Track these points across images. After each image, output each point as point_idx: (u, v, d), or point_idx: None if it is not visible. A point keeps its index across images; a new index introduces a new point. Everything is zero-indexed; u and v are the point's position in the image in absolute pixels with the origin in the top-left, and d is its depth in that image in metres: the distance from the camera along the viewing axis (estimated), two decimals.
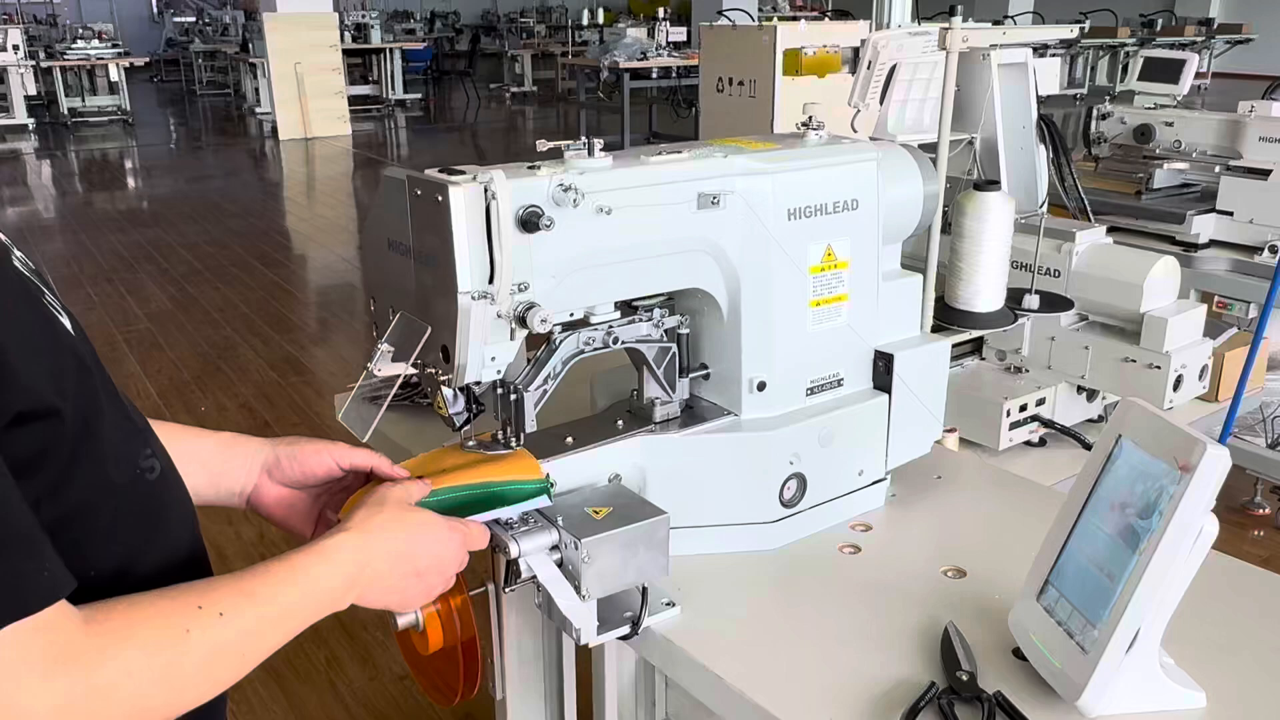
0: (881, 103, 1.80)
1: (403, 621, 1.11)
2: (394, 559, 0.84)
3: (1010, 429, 1.84)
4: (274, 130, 10.23)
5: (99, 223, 6.81)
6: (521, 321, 0.92)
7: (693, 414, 1.14)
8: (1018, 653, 0.94)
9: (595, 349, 1.06)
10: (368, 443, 1.35)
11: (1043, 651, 0.90)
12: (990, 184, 1.65)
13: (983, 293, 1.64)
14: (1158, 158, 2.85)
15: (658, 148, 1.06)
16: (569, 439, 1.06)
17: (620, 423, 1.10)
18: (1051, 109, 2.05)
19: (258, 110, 11.57)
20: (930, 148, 1.65)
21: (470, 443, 1.00)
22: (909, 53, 1.74)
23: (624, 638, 0.98)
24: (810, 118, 1.14)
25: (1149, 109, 2.90)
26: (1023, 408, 1.85)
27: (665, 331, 1.11)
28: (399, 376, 0.95)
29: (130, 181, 8.66)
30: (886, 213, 1.16)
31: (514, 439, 1.00)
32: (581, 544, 0.93)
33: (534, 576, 0.95)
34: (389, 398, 0.96)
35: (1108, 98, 3.17)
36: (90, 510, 0.71)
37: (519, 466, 0.98)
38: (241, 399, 3.88)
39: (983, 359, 2.03)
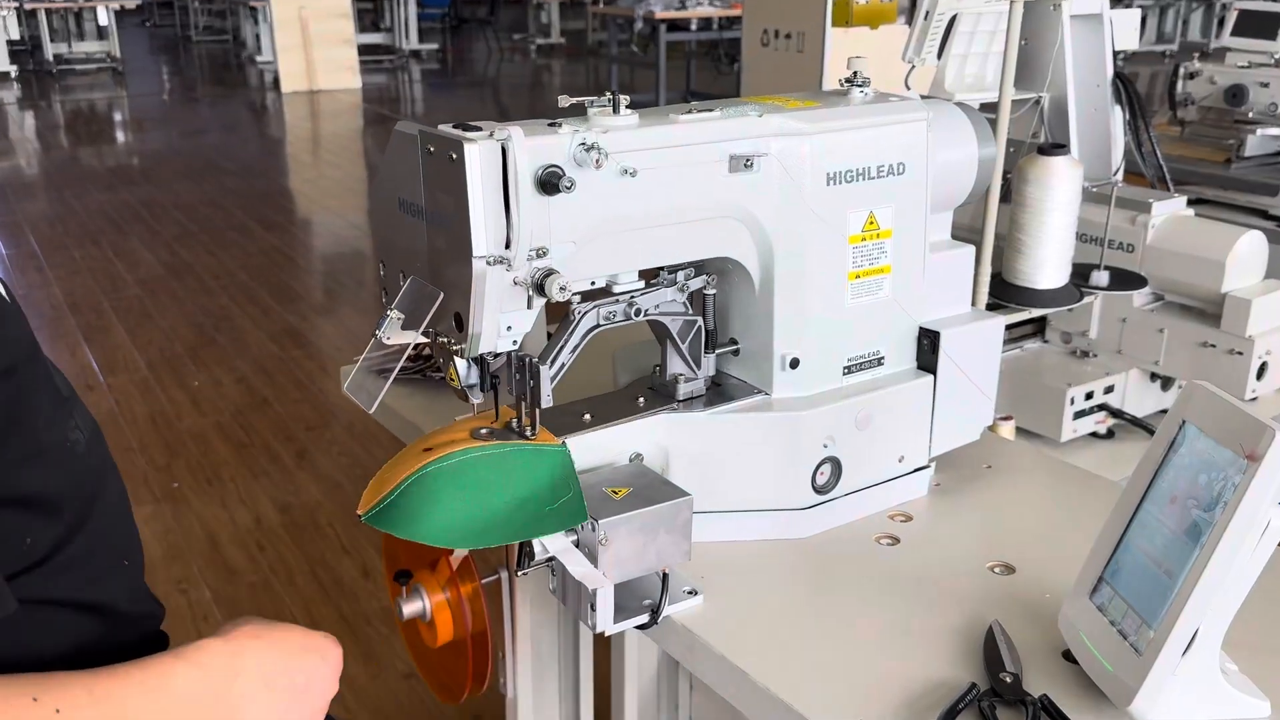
0: (939, 57, 1.80)
1: (408, 610, 1.15)
2: (271, 674, 0.81)
3: (1074, 419, 1.85)
4: (276, 81, 10.32)
5: (85, 180, 6.92)
6: (540, 289, 0.95)
7: (720, 392, 1.16)
8: (1068, 655, 0.96)
9: (615, 323, 1.09)
10: (373, 416, 1.40)
11: (1094, 653, 0.92)
12: (1056, 148, 1.66)
13: (1045, 267, 1.65)
14: (1250, 122, 2.82)
15: (688, 105, 1.08)
16: (586, 416, 1.09)
17: (641, 400, 1.13)
18: (1137, 66, 2.05)
19: (258, 59, 11.66)
20: (992, 107, 1.66)
21: (482, 430, 1.03)
22: (970, 2, 1.75)
23: (642, 626, 1.01)
24: (855, 73, 1.16)
25: (1242, 68, 2.87)
26: (1089, 395, 1.86)
27: (690, 296, 1.14)
28: (409, 345, 0.98)
29: (119, 135, 8.79)
30: (936, 178, 1.18)
31: (529, 422, 1.03)
32: (599, 525, 0.96)
33: (550, 559, 0.99)
34: (397, 367, 1.00)
35: (1197, 55, 3.12)
36: (22, 485, 0.73)
37: (540, 439, 1.02)
38: (238, 373, 3.96)
39: (1045, 341, 2.04)
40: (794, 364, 1.14)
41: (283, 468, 3.26)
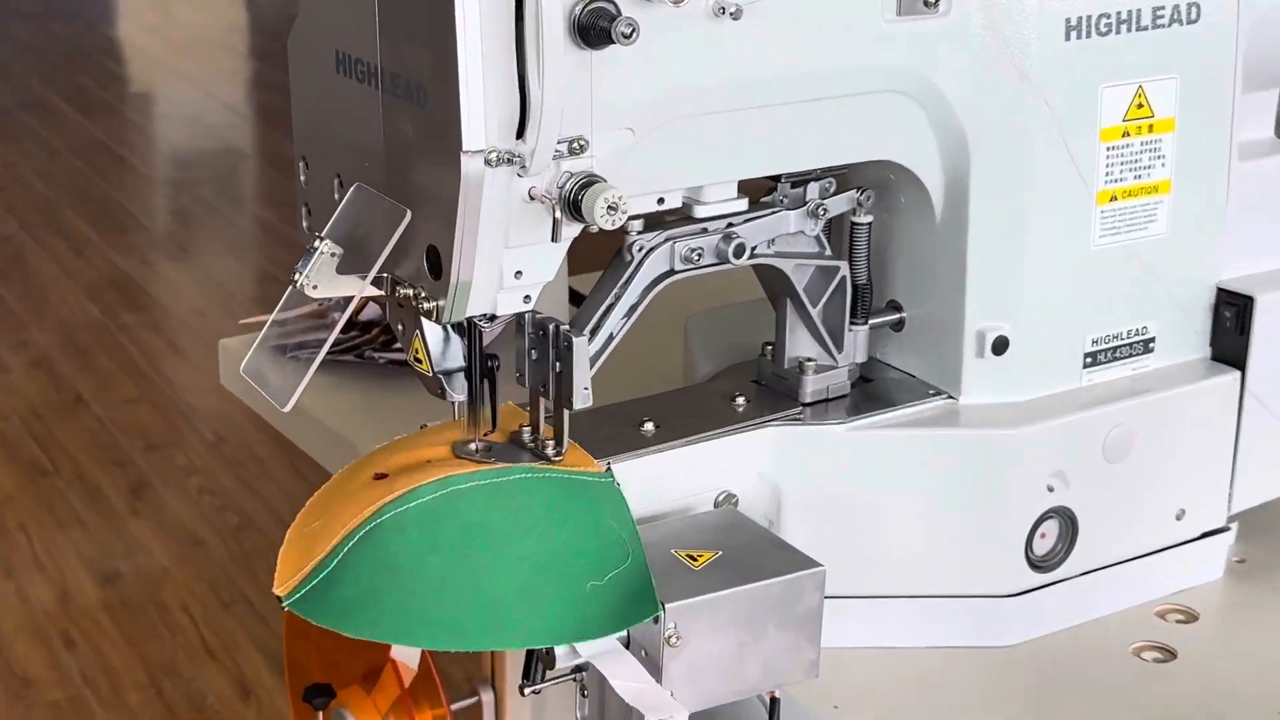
0: None
1: None
2: None
3: None
4: None
5: None
6: (574, 208, 0.95)
7: (870, 392, 1.16)
8: None
9: (702, 266, 1.09)
10: (278, 423, 1.40)
11: None
12: None
13: None
14: None
15: None
16: (647, 425, 1.10)
17: (740, 401, 1.14)
18: None
19: None
20: None
21: (472, 445, 1.03)
22: None
23: None
24: None
25: None
26: None
27: (827, 227, 1.13)
28: (350, 301, 0.99)
29: None
30: (1254, 33, 1.17)
31: (552, 432, 1.03)
32: (666, 612, 0.96)
33: (578, 667, 0.99)
34: (329, 339, 1.00)
35: None
36: None
37: (570, 461, 1.03)
38: (36, 351, 4.00)
39: None
40: (999, 346, 1.14)
41: (107, 511, 3.30)
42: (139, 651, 2.84)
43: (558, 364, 1.01)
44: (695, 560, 1.01)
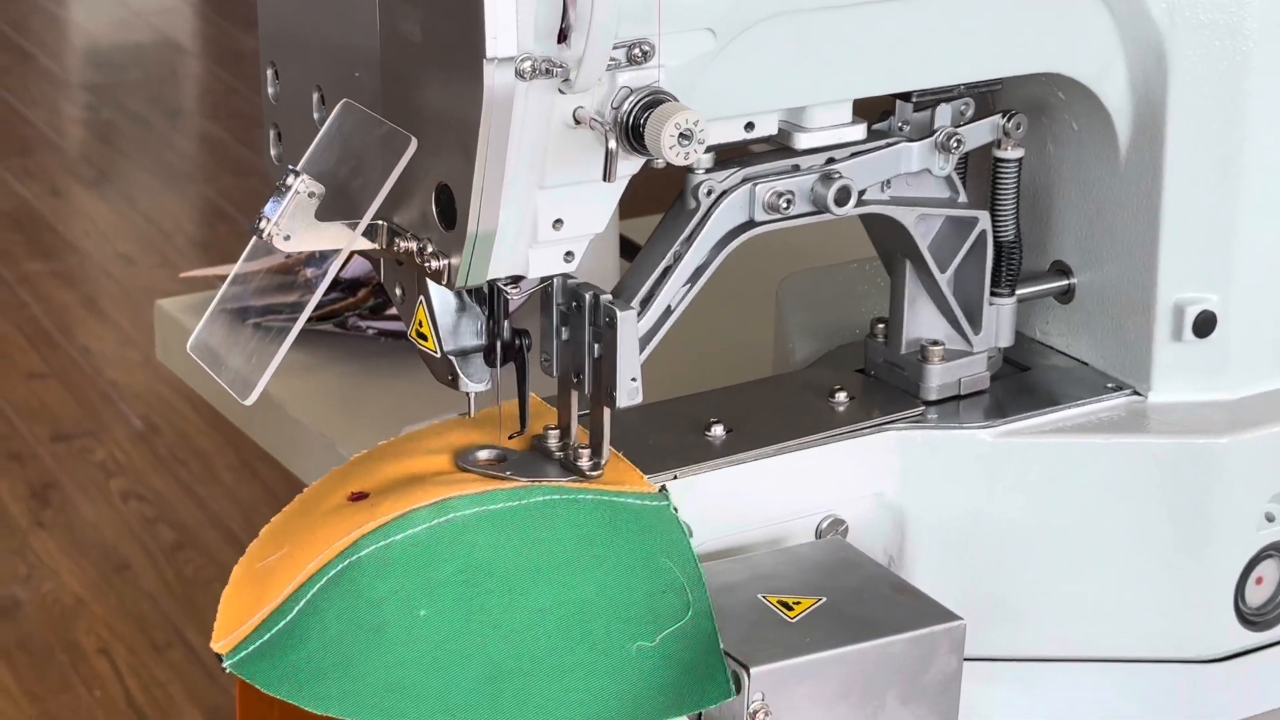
0: None
1: None
2: None
3: None
4: None
5: None
6: (634, 136, 0.95)
7: (1025, 384, 1.18)
8: None
9: (791, 216, 1.09)
10: (231, 415, 1.41)
11: None
12: None
13: None
14: None
15: None
16: (718, 429, 1.11)
17: (841, 397, 1.14)
18: None
19: None
20: None
21: (481, 454, 1.04)
22: None
23: None
24: None
25: None
26: None
27: (964, 162, 1.14)
28: (337, 258, 0.99)
29: None
30: None
31: (589, 437, 1.04)
32: (751, 679, 0.96)
33: None
34: (306, 310, 1.00)
35: None
36: None
37: (610, 477, 1.03)
38: None
39: None
40: (1204, 325, 1.14)
41: (1, 521, 3.32)
42: (43, 710, 2.86)
43: (597, 346, 1.02)
44: (790, 609, 1.01)
